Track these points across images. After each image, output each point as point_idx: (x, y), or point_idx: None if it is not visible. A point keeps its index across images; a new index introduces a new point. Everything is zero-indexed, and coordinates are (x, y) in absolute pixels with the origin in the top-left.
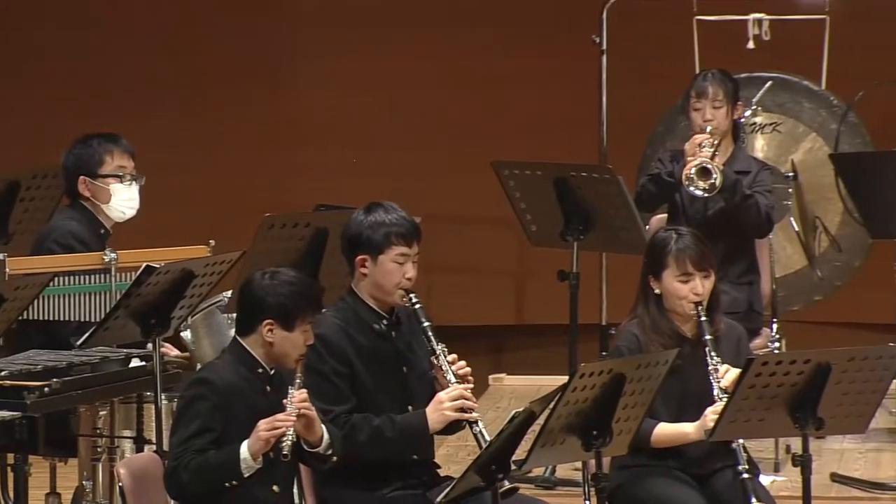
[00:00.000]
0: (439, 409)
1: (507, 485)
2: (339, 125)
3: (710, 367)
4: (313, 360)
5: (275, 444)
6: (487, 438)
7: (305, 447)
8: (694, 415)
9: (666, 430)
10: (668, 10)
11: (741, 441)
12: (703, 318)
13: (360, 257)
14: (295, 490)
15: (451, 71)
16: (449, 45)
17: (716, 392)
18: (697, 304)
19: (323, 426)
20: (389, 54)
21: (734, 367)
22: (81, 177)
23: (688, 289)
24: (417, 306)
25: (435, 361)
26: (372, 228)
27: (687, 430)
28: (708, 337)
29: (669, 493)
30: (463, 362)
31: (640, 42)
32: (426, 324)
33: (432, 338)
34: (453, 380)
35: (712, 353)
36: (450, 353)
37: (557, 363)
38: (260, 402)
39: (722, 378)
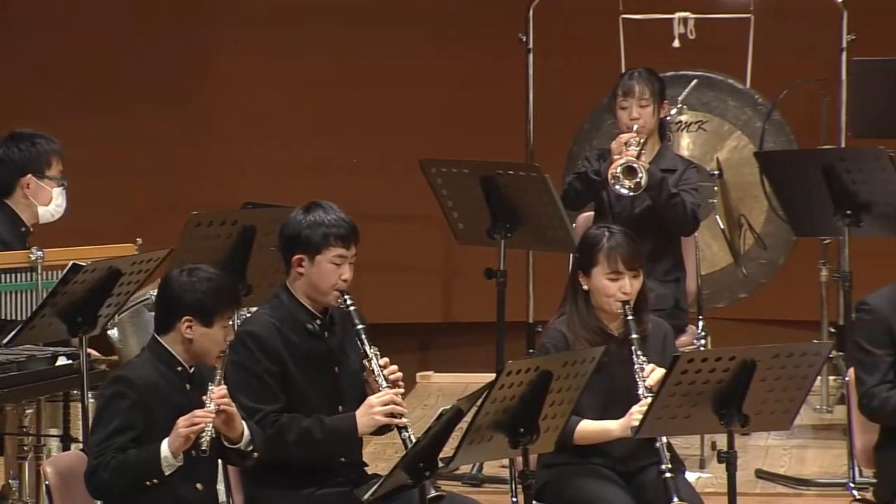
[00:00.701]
0: (369, 413)
1: (433, 492)
2: (266, 123)
3: (635, 366)
4: (245, 357)
5: (195, 441)
6: None
7: (226, 444)
8: (619, 412)
9: (590, 428)
10: (594, 9)
11: (665, 440)
12: (630, 317)
13: (297, 256)
14: (222, 488)
15: (377, 69)
16: (375, 42)
17: (641, 390)
18: (625, 302)
19: (243, 423)
20: (316, 52)
21: (660, 365)
22: (29, 175)
23: (616, 287)
24: (352, 308)
25: (367, 364)
26: (311, 228)
27: (611, 427)
28: (634, 336)
29: (596, 490)
30: (395, 367)
31: (566, 40)
32: (360, 326)
33: (365, 341)
34: (384, 384)
35: (638, 352)
36: (382, 356)
37: (485, 361)
38: (180, 399)
39: (647, 377)
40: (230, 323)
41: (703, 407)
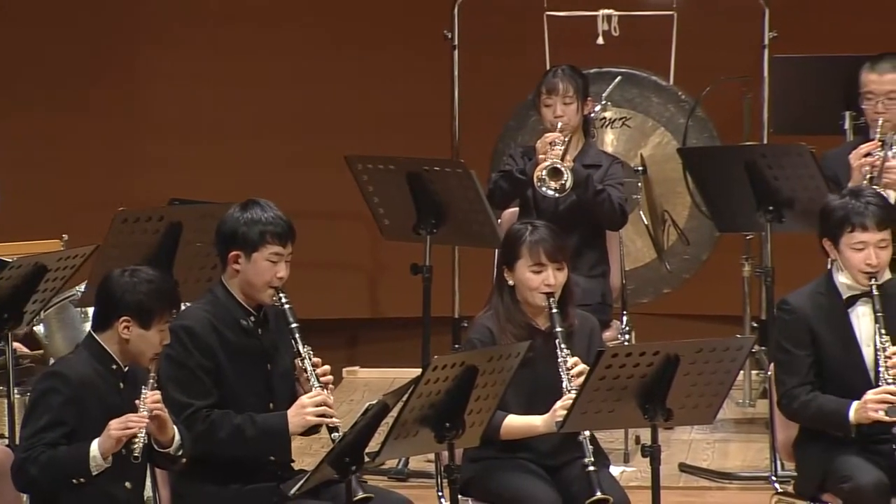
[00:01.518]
0: (301, 412)
1: (360, 494)
2: (192, 119)
3: (560, 360)
4: (179, 352)
5: (126, 444)
6: None
7: (156, 447)
8: (544, 407)
9: (515, 423)
10: (518, 6)
11: (587, 434)
12: (555, 311)
13: (233, 253)
14: (149, 483)
15: (304, 66)
16: (301, 39)
17: (565, 385)
18: (549, 295)
19: (174, 427)
20: (244, 49)
21: (586, 359)
22: None
23: (540, 279)
24: (287, 306)
25: (299, 363)
26: (248, 226)
27: (536, 423)
28: (559, 329)
29: (521, 484)
30: (327, 367)
31: (491, 37)
32: (294, 325)
33: (299, 340)
34: (316, 384)
35: (563, 346)
36: (313, 355)
37: (411, 356)
38: (113, 398)
39: (571, 370)
40: (167, 326)
41: (628, 401)
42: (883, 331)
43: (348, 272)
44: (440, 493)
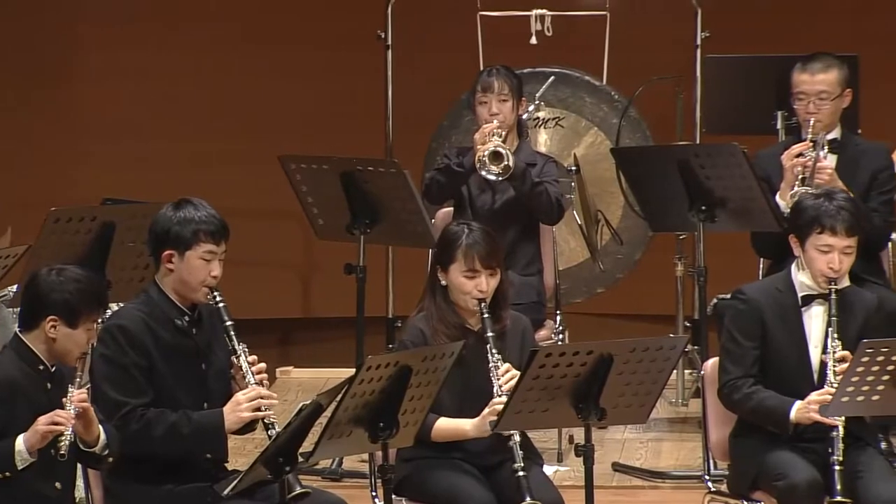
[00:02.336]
0: (236, 409)
1: (298, 489)
2: (123, 118)
3: (490, 366)
4: (113, 351)
5: (52, 443)
6: None
7: (82, 446)
8: (477, 407)
9: (446, 426)
10: (451, 6)
11: (517, 439)
12: (486, 315)
13: (167, 252)
14: (81, 484)
15: (238, 64)
16: (236, 37)
17: (496, 391)
18: (481, 300)
19: (100, 426)
20: (174, 47)
21: (519, 360)
22: None
23: (472, 285)
24: (221, 305)
25: (235, 361)
26: (181, 225)
27: (466, 427)
28: (490, 334)
29: (454, 483)
30: (263, 365)
31: (425, 37)
32: (229, 323)
33: (234, 337)
34: (252, 381)
35: (493, 351)
36: (249, 353)
37: (344, 356)
38: (40, 398)
39: (502, 376)
40: (95, 326)
41: (561, 401)
42: (836, 335)
43: (282, 271)
44: (374, 493)
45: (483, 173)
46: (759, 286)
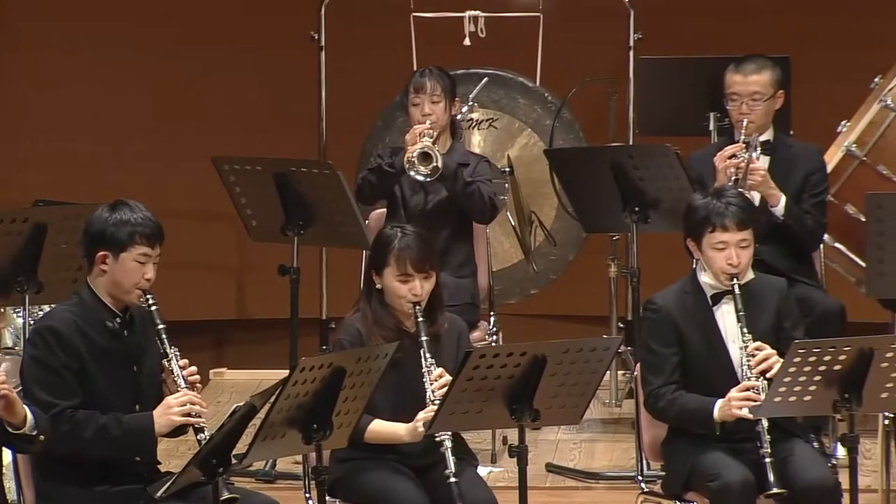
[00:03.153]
0: (167, 413)
1: (226, 494)
2: (57, 119)
3: (424, 370)
4: (44, 352)
5: None
6: None
7: (10, 429)
8: (412, 409)
9: (380, 429)
10: (385, 7)
11: (449, 445)
12: (421, 319)
13: (101, 254)
14: (12, 486)
15: (172, 65)
16: (170, 38)
17: (428, 396)
18: (416, 304)
19: (25, 407)
20: (107, 48)
21: (455, 362)
22: None
23: (406, 289)
24: (154, 308)
25: (166, 364)
26: (116, 226)
27: (400, 431)
28: (424, 338)
29: (388, 485)
30: (194, 368)
31: (358, 38)
32: (160, 326)
33: (165, 340)
34: (183, 385)
35: (427, 356)
36: (180, 356)
37: (278, 357)
38: None
39: (435, 381)
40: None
41: (495, 402)
42: (745, 329)
43: (215, 273)
44: (308, 495)
45: (412, 174)
46: (668, 293)
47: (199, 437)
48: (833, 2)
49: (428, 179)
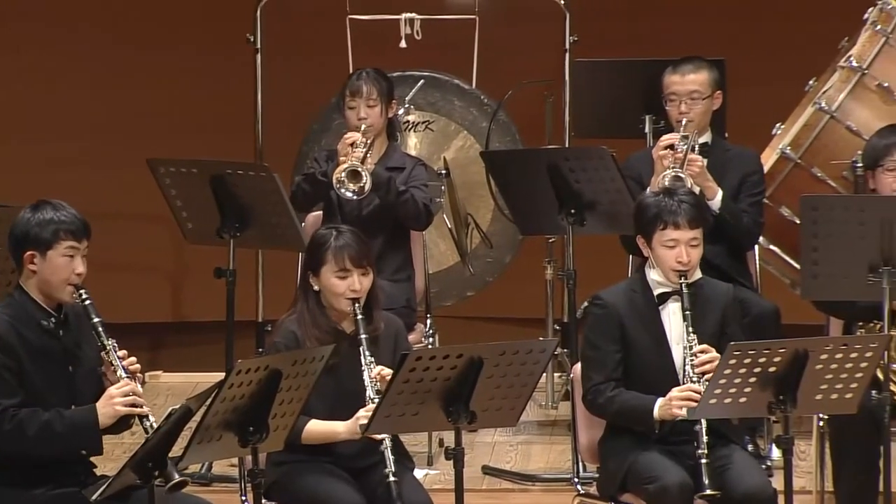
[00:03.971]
0: (110, 403)
1: (176, 477)
2: None
3: (364, 368)
4: None
5: None
6: None
7: None
8: (348, 411)
9: (317, 428)
10: (321, 10)
11: (388, 444)
12: (360, 317)
13: (28, 253)
14: None
15: (106, 66)
16: (104, 40)
17: (369, 394)
18: (354, 301)
19: None
20: (41, 50)
21: (392, 363)
22: None
23: (345, 285)
24: (88, 303)
25: (105, 357)
26: (40, 226)
27: (338, 428)
28: (363, 336)
29: (325, 487)
30: (133, 358)
31: (294, 41)
32: (96, 320)
33: (102, 333)
34: (124, 375)
35: (367, 354)
36: (119, 348)
37: (214, 360)
38: None
39: (375, 378)
40: None
41: (432, 404)
42: (691, 328)
43: (151, 275)
44: (244, 498)
45: (341, 192)
46: (615, 290)
47: (144, 424)
48: (767, 6)
49: (357, 197)
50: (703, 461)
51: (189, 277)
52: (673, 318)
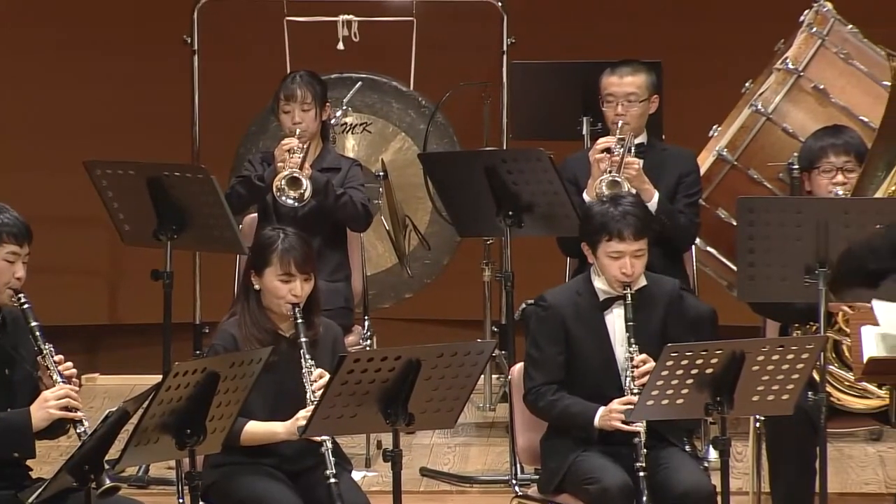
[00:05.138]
0: (44, 406)
1: (107, 483)
2: None
3: (304, 371)
4: None
5: None
6: None
7: None
8: (288, 413)
9: (255, 429)
10: (258, 11)
11: (329, 445)
12: (300, 321)
13: None
14: None
15: (42, 68)
16: (38, 41)
17: (309, 396)
18: (295, 305)
19: None
20: None
21: (330, 367)
22: None
23: (287, 289)
24: (26, 306)
25: (42, 361)
26: None
27: (277, 429)
28: (303, 339)
29: (263, 489)
30: (70, 363)
31: (231, 42)
32: (34, 324)
33: (40, 338)
34: (60, 380)
35: (307, 357)
36: (56, 353)
37: (151, 362)
38: None
39: (315, 382)
40: None
41: (370, 406)
42: (632, 339)
43: (87, 278)
44: (181, 500)
45: (281, 200)
46: (559, 291)
47: (77, 429)
48: (704, 9)
49: (298, 204)
50: (641, 474)
51: (126, 279)
52: (617, 321)
